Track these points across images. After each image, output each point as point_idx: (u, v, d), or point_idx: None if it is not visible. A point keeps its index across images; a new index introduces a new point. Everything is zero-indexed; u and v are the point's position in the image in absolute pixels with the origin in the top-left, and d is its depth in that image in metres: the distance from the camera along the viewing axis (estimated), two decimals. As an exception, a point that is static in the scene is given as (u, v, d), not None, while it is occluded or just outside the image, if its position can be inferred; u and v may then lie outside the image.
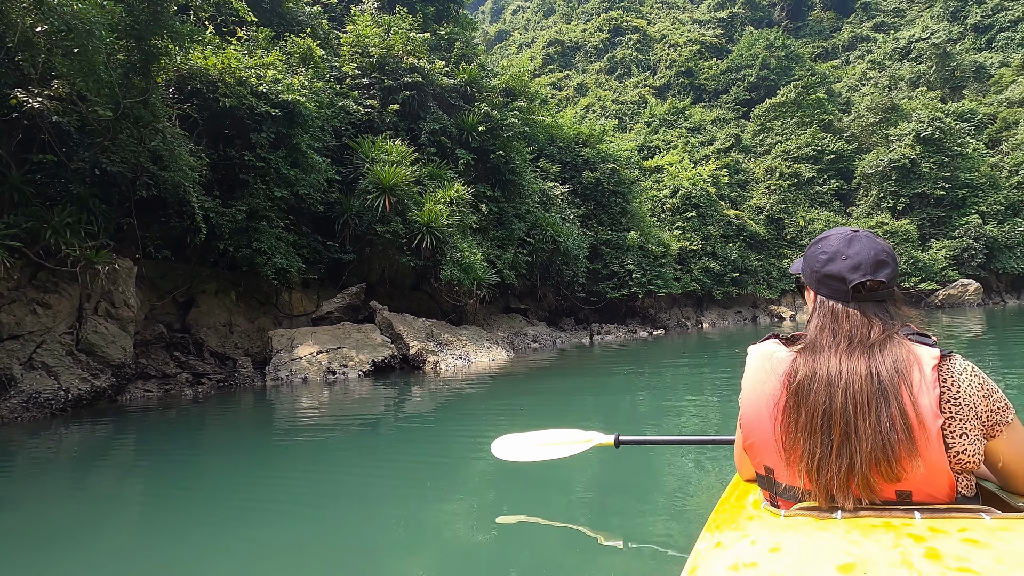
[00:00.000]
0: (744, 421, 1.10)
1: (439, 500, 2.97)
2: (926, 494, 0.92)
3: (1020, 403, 4.67)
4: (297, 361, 8.75)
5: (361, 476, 3.65)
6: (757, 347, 1.12)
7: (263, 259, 9.88)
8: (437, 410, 6.58)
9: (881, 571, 0.71)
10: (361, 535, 2.53)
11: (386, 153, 12.48)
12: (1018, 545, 0.75)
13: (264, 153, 9.97)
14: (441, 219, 12.07)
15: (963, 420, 0.93)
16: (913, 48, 40.05)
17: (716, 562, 0.85)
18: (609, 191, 22.31)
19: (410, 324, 10.43)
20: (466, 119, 15.25)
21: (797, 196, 32.21)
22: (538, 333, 16.65)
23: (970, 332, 12.85)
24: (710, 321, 25.67)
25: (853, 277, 1.03)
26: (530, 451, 2.37)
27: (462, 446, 4.46)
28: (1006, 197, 29.69)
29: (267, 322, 10.82)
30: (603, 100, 41.40)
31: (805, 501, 0.97)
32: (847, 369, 0.97)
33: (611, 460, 3.22)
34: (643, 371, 8.99)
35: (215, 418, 6.73)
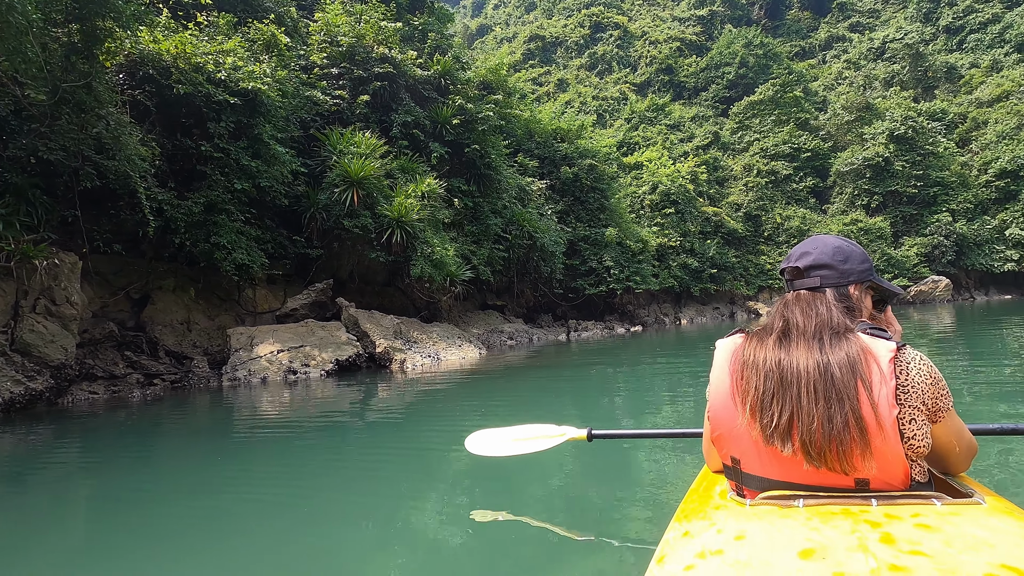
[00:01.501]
0: (711, 413, 1.12)
1: (411, 497, 2.91)
2: (883, 482, 0.95)
3: (990, 394, 4.57)
4: (256, 360, 8.38)
5: (329, 476, 3.51)
6: (724, 341, 1.16)
7: (223, 254, 9.47)
8: (405, 409, 6.31)
9: (839, 555, 0.73)
10: (332, 536, 2.44)
11: (355, 145, 12.10)
12: (966, 529, 0.78)
13: (223, 143, 9.54)
14: (412, 213, 11.75)
15: (912, 407, 0.97)
16: (887, 48, 40.69)
17: (683, 551, 0.87)
18: (587, 187, 22.16)
19: (377, 321, 10.10)
20: (440, 112, 14.92)
21: (774, 193, 32.48)
22: (514, 330, 16.43)
23: (941, 328, 12.97)
24: (688, 317, 25.74)
25: (783, 266, 1.18)
26: (504, 446, 2.40)
27: (432, 444, 4.31)
28: (975, 195, 30.30)
29: (229, 320, 10.40)
30: (583, 96, 41.27)
31: (770, 491, 0.99)
32: (794, 356, 1.02)
33: (584, 454, 3.25)
34: (620, 368, 8.82)
35: (168, 420, 6.36)
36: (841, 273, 1.14)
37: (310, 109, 12.56)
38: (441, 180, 13.97)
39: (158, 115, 9.19)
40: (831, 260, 1.14)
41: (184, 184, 9.60)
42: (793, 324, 1.06)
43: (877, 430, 0.94)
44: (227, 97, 9.34)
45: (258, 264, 10.11)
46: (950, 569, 0.68)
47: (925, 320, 15.84)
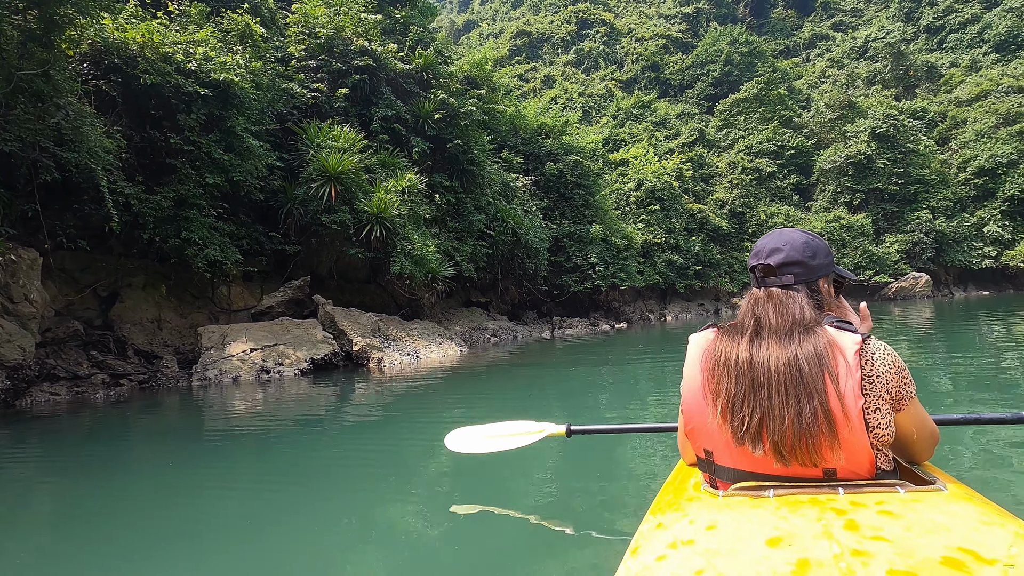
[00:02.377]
0: (684, 408, 1.13)
1: (390, 494, 2.90)
2: (850, 471, 0.97)
3: (964, 386, 4.60)
4: (228, 360, 8.14)
5: (305, 475, 3.43)
6: (696, 336, 1.17)
7: (194, 250, 9.20)
8: (383, 408, 6.15)
9: (805, 542, 0.75)
10: (309, 534, 2.40)
11: (333, 139, 11.85)
12: (926, 515, 0.80)
13: (194, 136, 9.25)
14: (391, 209, 11.54)
15: (877, 396, 0.99)
16: (870, 47, 41.12)
17: (657, 541, 0.89)
18: (572, 183, 22.06)
19: (355, 319, 9.89)
20: (422, 106, 14.69)
21: (758, 190, 32.68)
22: (498, 327, 16.28)
23: (921, 323, 13.07)
24: (673, 314, 25.79)
25: (752, 263, 1.16)
26: (484, 443, 2.42)
27: (410, 442, 4.20)
28: (954, 193, 30.74)
29: (202, 318, 10.13)
30: (570, 93, 41.17)
31: (742, 482, 1.01)
32: (762, 351, 1.02)
33: (563, 450, 3.27)
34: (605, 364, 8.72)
35: (134, 422, 6.13)
36: (811, 269, 1.14)
37: (287, 102, 12.27)
38: (423, 175, 13.76)
39: (125, 106, 8.88)
40: (802, 257, 1.14)
41: (153, 178, 9.30)
42: (766, 323, 1.07)
43: (844, 421, 0.96)
44: (197, 88, 9.05)
45: (232, 260, 9.84)
46: (908, 552, 0.70)
47: (905, 315, 15.99)
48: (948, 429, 2.81)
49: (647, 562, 0.83)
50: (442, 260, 13.67)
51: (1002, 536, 0.75)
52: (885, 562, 0.69)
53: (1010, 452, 2.78)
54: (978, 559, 0.69)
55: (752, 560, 0.74)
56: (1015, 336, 8.53)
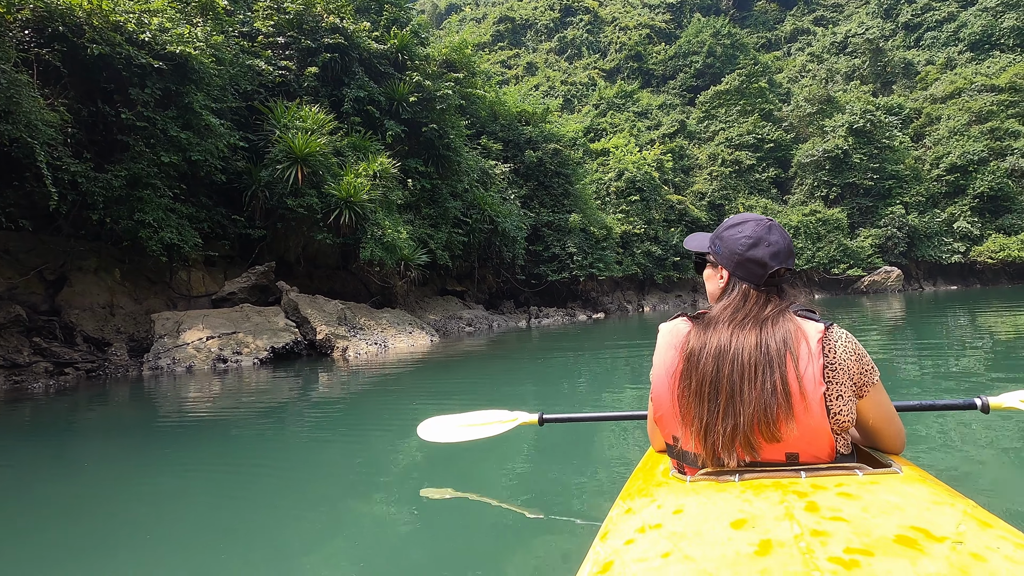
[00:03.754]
0: (654, 395, 1.14)
1: (359, 483, 2.84)
2: (811, 455, 0.99)
3: (934, 376, 4.60)
4: (182, 348, 7.76)
5: (267, 468, 3.30)
6: (666, 324, 1.17)
7: (148, 232, 8.74)
8: (347, 398, 5.88)
9: (767, 524, 0.77)
10: (275, 527, 2.33)
11: (301, 120, 11.39)
12: (882, 496, 0.83)
13: (148, 112, 8.75)
14: (361, 193, 11.16)
15: (839, 383, 1.01)
16: (849, 43, 41.47)
17: (625, 526, 0.91)
18: (552, 172, 21.80)
19: (320, 306, 9.55)
20: (396, 88, 14.24)
21: (738, 183, 32.84)
22: (473, 316, 16.03)
23: (892, 316, 13.21)
24: (651, 304, 25.84)
25: (773, 264, 1.10)
26: (456, 432, 2.42)
27: (377, 433, 4.07)
28: (927, 189, 31.29)
29: (158, 304, 9.68)
30: (552, 80, 40.77)
31: (707, 467, 1.02)
32: (738, 340, 1.03)
33: (536, 438, 3.27)
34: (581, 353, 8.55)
35: (79, 413, 5.77)
36: (792, 262, 1.16)
37: (252, 79, 11.75)
38: (396, 160, 13.37)
39: (71, 78, 8.33)
40: (791, 252, 1.15)
41: (103, 155, 8.79)
42: (751, 317, 1.07)
43: (800, 399, 0.98)
44: (151, 61, 8.54)
45: (190, 244, 9.40)
46: (865, 532, 0.73)
47: (877, 308, 16.19)
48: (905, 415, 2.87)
49: (615, 546, 0.85)
50: (415, 247, 13.34)
51: (952, 515, 0.78)
52: (843, 541, 0.71)
53: (961, 436, 2.87)
54: (929, 537, 0.71)
55: (716, 542, 0.76)
56: (979, 329, 8.60)
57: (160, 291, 9.93)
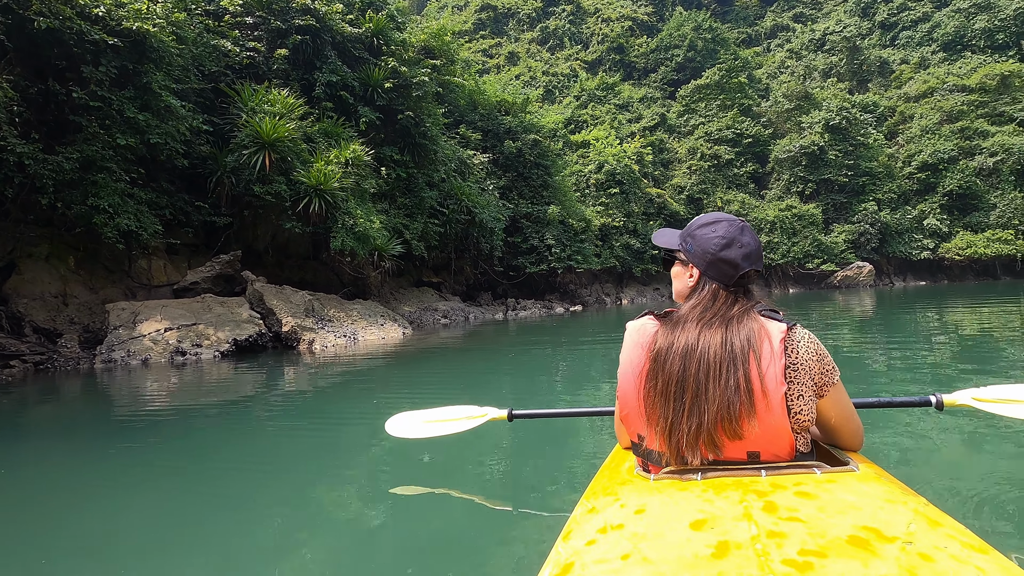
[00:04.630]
0: (620, 393, 1.15)
1: (327, 480, 2.80)
2: (772, 453, 1.01)
3: (900, 370, 4.60)
4: (138, 340, 7.42)
5: (230, 466, 3.21)
6: (633, 323, 1.17)
7: (103, 218, 8.34)
8: (313, 393, 5.66)
9: (726, 525, 0.78)
10: (239, 527, 2.26)
11: (269, 103, 11.00)
12: (839, 495, 0.85)
13: (102, 92, 8.31)
14: (332, 181, 10.83)
15: (800, 383, 1.03)
16: (827, 40, 41.92)
17: (588, 526, 0.91)
18: (531, 163, 21.60)
19: (287, 297, 9.25)
20: (371, 74, 13.86)
21: (716, 177, 33.07)
22: (449, 308, 15.83)
23: (863, 311, 13.40)
24: (629, 297, 25.92)
25: (745, 265, 1.11)
26: (425, 428, 2.42)
27: (346, 429, 3.98)
28: (899, 186, 31.91)
29: (116, 293, 9.27)
30: (534, 71, 40.44)
31: (672, 465, 1.03)
32: (706, 339, 1.04)
33: (505, 434, 3.27)
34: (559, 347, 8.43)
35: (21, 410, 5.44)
36: (761, 265, 1.16)
37: (218, 60, 11.30)
38: (371, 148, 13.03)
39: (17, 54, 7.86)
40: (761, 255, 1.16)
41: (54, 136, 8.34)
42: (719, 317, 1.07)
43: (762, 397, 0.99)
44: (105, 37, 8.10)
45: (150, 231, 9.01)
46: (819, 533, 0.73)
47: (849, 303, 16.44)
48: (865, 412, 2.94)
49: (577, 547, 0.85)
50: (390, 237, 13.05)
51: (904, 514, 0.79)
52: (797, 543, 0.71)
53: (916, 432, 2.90)
54: (880, 537, 0.72)
55: (675, 544, 0.76)
56: (945, 325, 8.73)
57: (118, 280, 9.52)
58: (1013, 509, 1.90)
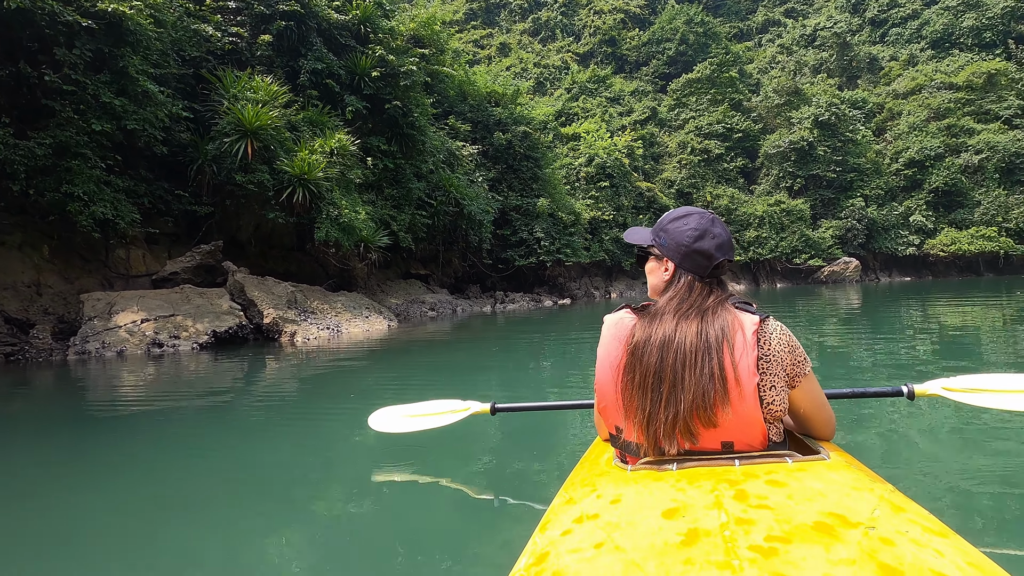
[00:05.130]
0: (598, 386, 1.16)
1: (309, 473, 2.77)
2: (745, 443, 1.02)
3: (884, 360, 4.65)
4: (113, 331, 7.24)
5: (212, 457, 3.16)
6: (611, 316, 1.19)
7: (78, 206, 8.12)
8: (296, 387, 5.53)
9: (697, 513, 0.79)
10: (219, 521, 2.23)
11: (252, 90, 10.76)
12: (808, 483, 0.86)
13: (77, 75, 8.06)
14: (316, 171, 10.64)
15: (773, 375, 1.05)
16: (818, 36, 42.01)
17: (565, 516, 0.92)
18: (521, 155, 21.45)
19: (269, 288, 9.09)
20: (358, 62, 13.62)
21: (706, 172, 33.11)
22: (436, 301, 15.71)
23: (849, 306, 13.48)
24: (618, 291, 25.94)
25: (718, 255, 1.14)
26: (409, 422, 2.43)
27: (328, 422, 3.93)
28: (886, 182, 32.16)
29: (92, 283, 9.06)
30: (525, 62, 40.14)
31: (648, 456, 1.05)
32: (682, 330, 1.06)
33: (488, 427, 3.30)
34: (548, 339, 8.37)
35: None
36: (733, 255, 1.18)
37: (199, 45, 11.03)
38: (358, 137, 12.83)
39: (-14, 33, 7.59)
40: (732, 245, 1.17)
41: (27, 121, 8.09)
42: (695, 308, 1.08)
43: (735, 386, 1.01)
44: (79, 18, 7.84)
45: (127, 220, 8.79)
46: (786, 519, 0.75)
47: (835, 298, 16.55)
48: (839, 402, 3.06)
49: (552, 537, 0.86)
50: (376, 228, 12.89)
51: (869, 500, 0.81)
52: (764, 529, 0.73)
53: (888, 422, 2.95)
54: (845, 523, 0.74)
55: (647, 532, 0.77)
56: (927, 319, 8.79)
57: (95, 270, 9.30)
58: (977, 495, 1.95)
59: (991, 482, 2.08)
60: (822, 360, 5.23)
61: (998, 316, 8.61)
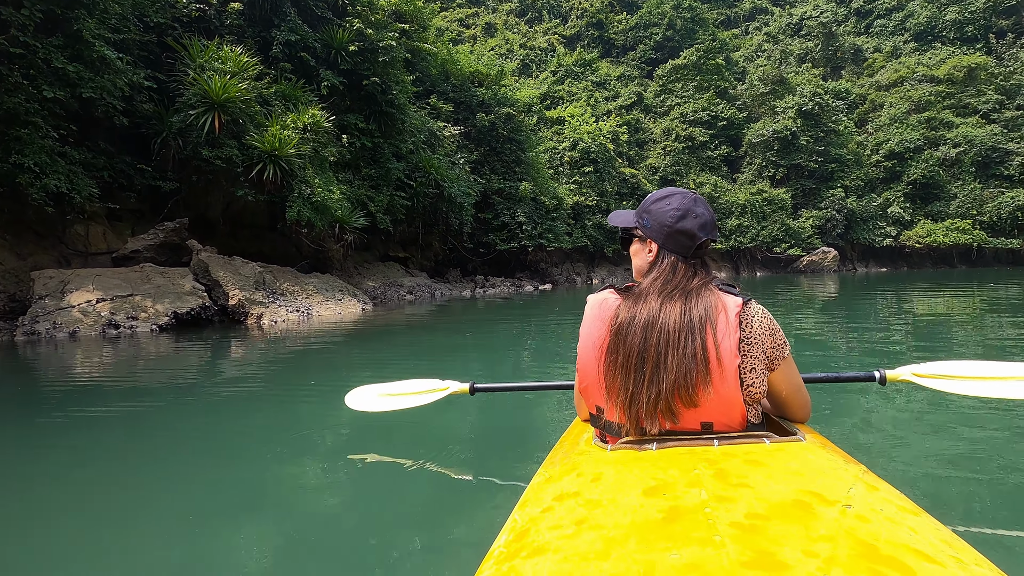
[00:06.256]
0: (580, 365, 1.17)
1: (282, 456, 2.65)
2: (724, 424, 1.04)
3: (864, 350, 4.67)
4: (66, 311, 6.86)
5: (177, 440, 3.01)
6: (595, 296, 1.19)
7: (28, 178, 7.65)
8: (265, 369, 5.30)
9: (678, 491, 0.80)
10: (190, 504, 2.12)
11: (221, 61, 10.26)
12: (785, 463, 0.88)
13: (26, 38, 7.54)
14: (288, 147, 10.23)
15: (753, 357, 1.06)
16: (804, 25, 41.98)
17: (544, 494, 0.93)
18: (504, 137, 21.08)
19: (236, 269, 8.73)
20: (334, 35, 13.12)
21: (690, 159, 33.05)
22: (415, 284, 15.43)
23: (827, 295, 13.56)
24: (600, 277, 25.89)
25: (701, 235, 1.13)
26: (387, 401, 2.40)
27: (300, 404, 3.80)
28: (866, 173, 32.47)
29: (48, 261, 8.61)
30: (511, 43, 39.46)
31: (628, 436, 1.06)
32: (666, 310, 1.06)
33: (467, 407, 3.27)
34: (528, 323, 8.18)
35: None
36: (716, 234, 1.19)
37: (164, 11, 10.45)
38: (334, 114, 12.39)
39: (-78, -12, 7.03)
40: (715, 224, 1.18)
41: (-30, 85, 7.55)
42: (679, 288, 1.09)
43: (717, 367, 1.02)
44: (27, -25, 7.31)
45: (84, 194, 8.34)
46: (765, 497, 0.76)
47: (813, 287, 16.67)
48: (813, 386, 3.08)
49: (533, 514, 0.87)
50: (352, 209, 12.53)
51: (844, 480, 0.83)
52: (744, 507, 0.74)
53: (861, 406, 3.02)
54: (822, 501, 0.75)
55: (628, 509, 0.77)
56: (901, 309, 8.84)
57: (50, 246, 8.83)
58: (945, 477, 2.03)
59: (958, 465, 2.13)
60: (800, 346, 5.22)
61: (968, 306, 8.71)
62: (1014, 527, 1.63)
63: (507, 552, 0.78)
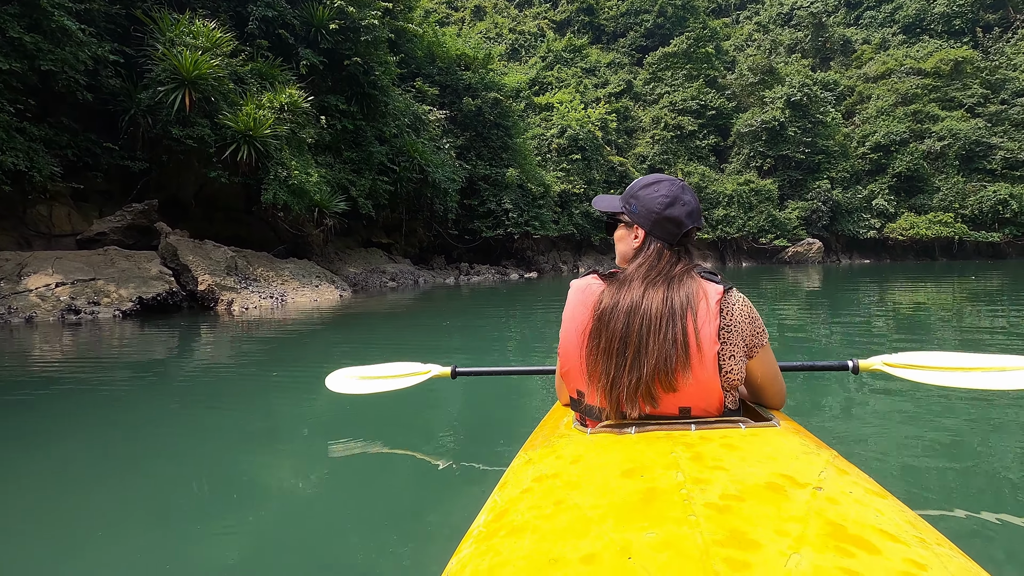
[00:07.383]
0: (561, 349, 1.17)
1: (262, 442, 2.61)
2: (702, 409, 1.05)
3: (842, 340, 4.65)
4: (23, 295, 6.54)
5: (145, 430, 2.88)
6: (578, 281, 1.19)
7: (-17, 155, 7.26)
8: (235, 357, 5.09)
9: (655, 473, 0.82)
10: (162, 496, 2.04)
11: (192, 36, 9.82)
12: (759, 447, 0.90)
13: (-22, 4, 7.11)
14: (263, 128, 9.87)
15: (732, 344, 1.07)
16: (794, 15, 41.79)
17: (525, 475, 0.95)
18: (491, 122, 20.75)
19: (206, 253, 8.42)
20: (314, 12, 12.68)
21: (678, 148, 32.92)
22: (398, 271, 15.17)
23: (811, 285, 13.57)
24: (586, 266, 25.77)
25: (688, 223, 1.14)
26: (368, 384, 2.40)
27: (275, 391, 3.68)
28: (852, 165, 32.60)
29: (7, 242, 8.23)
30: (500, 27, 38.81)
31: (608, 420, 1.07)
32: (649, 296, 1.06)
33: (449, 391, 3.29)
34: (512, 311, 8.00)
35: None
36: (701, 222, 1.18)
37: (132, -18, 9.96)
38: (314, 95, 12.00)
39: None
40: (700, 212, 1.18)
41: (-82, 54, 7.12)
42: (663, 275, 1.09)
43: (696, 353, 1.02)
44: (-23, -63, 6.86)
45: (45, 173, 7.96)
46: (740, 480, 0.78)
47: (798, 278, 16.70)
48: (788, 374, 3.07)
49: (512, 495, 0.88)
50: (332, 193, 12.21)
51: (816, 464, 0.85)
52: (720, 488, 0.76)
53: (833, 393, 3.10)
54: (793, 483, 0.78)
55: (607, 490, 0.79)
56: (883, 300, 8.83)
57: (10, 227, 8.44)
58: (912, 461, 2.11)
59: (926, 452, 2.19)
60: (780, 335, 5.15)
61: (947, 298, 8.74)
62: (975, 509, 1.70)
63: (486, 531, 0.79)
